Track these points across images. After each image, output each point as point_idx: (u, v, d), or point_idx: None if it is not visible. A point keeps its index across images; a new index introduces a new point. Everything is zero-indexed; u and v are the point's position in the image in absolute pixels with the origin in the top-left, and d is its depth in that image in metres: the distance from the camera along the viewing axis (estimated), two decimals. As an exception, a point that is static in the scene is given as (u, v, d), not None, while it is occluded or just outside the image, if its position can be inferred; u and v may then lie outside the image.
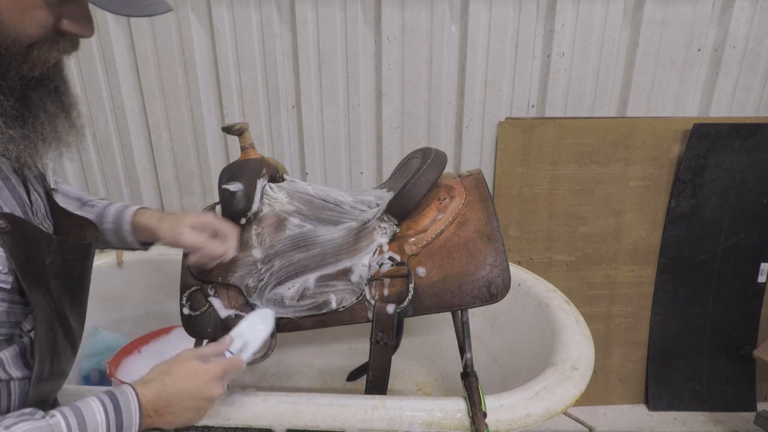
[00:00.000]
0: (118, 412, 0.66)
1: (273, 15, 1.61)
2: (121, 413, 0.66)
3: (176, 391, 0.72)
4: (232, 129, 1.06)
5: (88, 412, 0.64)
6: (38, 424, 0.59)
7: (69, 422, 0.62)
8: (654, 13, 1.62)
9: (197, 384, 0.73)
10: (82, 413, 0.63)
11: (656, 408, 1.93)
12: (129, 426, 0.67)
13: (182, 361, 0.75)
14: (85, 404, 0.65)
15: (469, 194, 1.06)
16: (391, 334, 0.94)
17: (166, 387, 0.71)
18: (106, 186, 1.85)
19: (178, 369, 0.74)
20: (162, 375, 0.73)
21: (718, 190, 1.75)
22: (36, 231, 0.69)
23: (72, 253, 0.76)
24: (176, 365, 0.75)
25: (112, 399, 0.67)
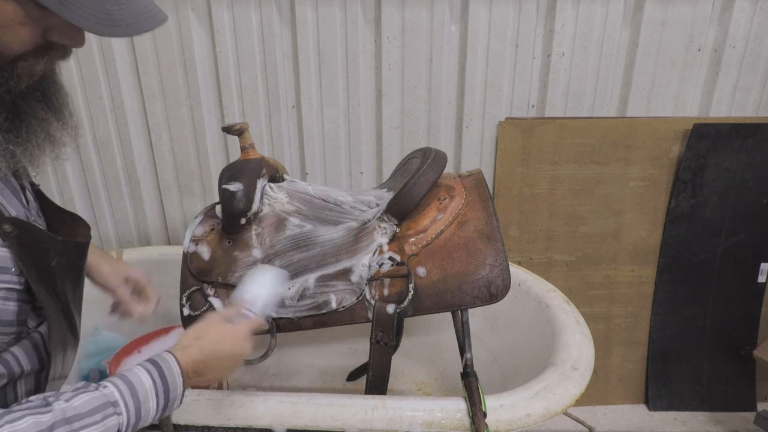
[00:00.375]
0: (163, 377, 0.69)
1: (273, 15, 1.62)
2: (166, 378, 0.69)
3: (212, 353, 0.76)
4: (232, 129, 1.06)
5: (135, 379, 0.66)
6: (94, 395, 0.61)
7: (121, 390, 0.64)
8: (654, 13, 1.62)
9: (229, 344, 0.78)
10: (131, 380, 0.65)
11: (656, 408, 1.93)
12: (174, 388, 0.70)
13: (212, 324, 0.79)
14: (132, 373, 0.67)
15: (469, 194, 1.06)
16: (391, 334, 0.94)
17: (203, 350, 0.75)
18: (106, 186, 1.85)
19: (210, 332, 0.78)
20: (196, 340, 0.76)
21: (718, 190, 1.75)
22: (41, 233, 0.69)
23: (75, 253, 0.77)
24: (207, 329, 0.79)
25: (155, 366, 0.69)
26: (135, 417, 0.64)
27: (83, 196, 1.87)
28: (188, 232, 1.06)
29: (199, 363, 0.74)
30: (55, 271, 0.71)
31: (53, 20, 0.58)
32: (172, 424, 0.89)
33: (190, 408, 0.90)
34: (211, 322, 0.80)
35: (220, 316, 0.82)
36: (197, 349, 0.75)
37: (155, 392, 0.67)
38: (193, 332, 0.78)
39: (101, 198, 1.87)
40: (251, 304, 0.87)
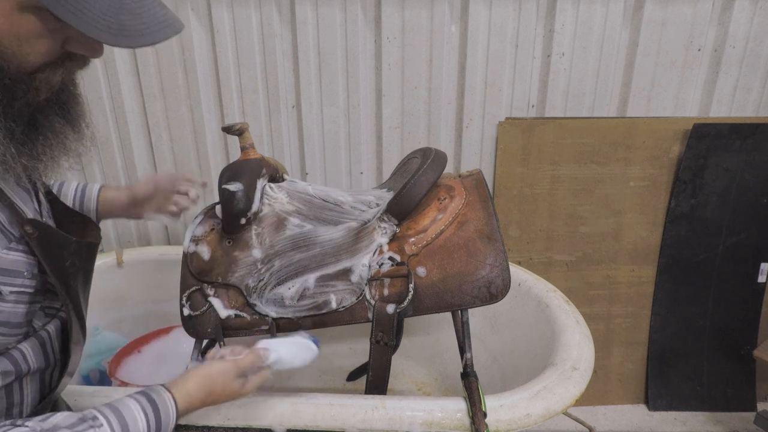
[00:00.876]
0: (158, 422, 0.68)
1: (273, 15, 1.62)
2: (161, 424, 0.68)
3: (213, 402, 0.78)
4: (232, 129, 1.06)
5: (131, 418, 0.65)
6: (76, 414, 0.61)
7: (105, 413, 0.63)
8: (654, 13, 1.62)
9: (230, 397, 0.79)
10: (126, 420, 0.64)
11: (656, 408, 1.93)
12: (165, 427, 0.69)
13: (227, 381, 0.78)
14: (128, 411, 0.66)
15: (469, 194, 1.06)
16: (391, 334, 0.94)
17: (205, 402, 0.76)
18: (106, 186, 1.85)
19: (220, 388, 0.77)
20: (207, 395, 0.76)
21: (718, 190, 1.75)
22: (58, 234, 0.70)
23: (86, 253, 0.78)
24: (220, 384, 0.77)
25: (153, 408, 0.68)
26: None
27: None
28: (188, 232, 1.06)
29: (198, 406, 0.76)
30: (69, 271, 0.71)
31: (71, 31, 0.58)
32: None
33: (190, 408, 0.90)
34: (228, 378, 0.78)
35: (238, 370, 0.79)
36: (200, 400, 0.75)
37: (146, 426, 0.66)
38: (207, 385, 0.76)
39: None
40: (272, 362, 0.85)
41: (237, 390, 0.79)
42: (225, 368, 0.78)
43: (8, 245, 0.63)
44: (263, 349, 0.84)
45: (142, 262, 1.66)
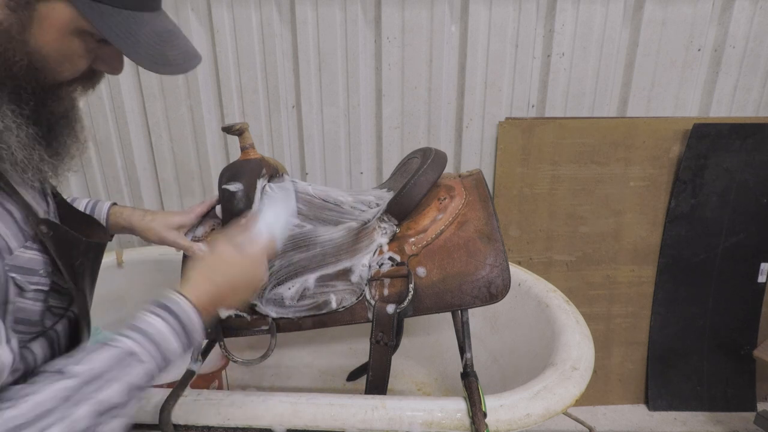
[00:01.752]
0: (177, 318, 0.66)
1: (273, 15, 1.62)
2: (180, 318, 0.66)
3: (228, 285, 0.73)
4: (232, 129, 1.06)
5: (146, 325, 0.63)
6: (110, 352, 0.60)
7: (136, 339, 0.62)
8: (654, 13, 1.62)
9: (245, 272, 0.76)
10: (142, 328, 0.63)
11: (656, 408, 1.93)
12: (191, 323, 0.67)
13: (223, 254, 0.76)
14: (141, 321, 0.64)
15: (469, 194, 1.06)
16: (391, 334, 0.94)
17: (217, 285, 0.72)
18: (106, 186, 1.85)
19: (221, 264, 0.75)
20: (209, 274, 0.73)
21: (718, 190, 1.75)
22: (69, 234, 0.71)
23: (94, 253, 0.79)
24: (218, 260, 0.75)
25: (165, 309, 0.66)
26: (161, 359, 0.63)
27: (83, 196, 1.87)
28: (188, 232, 1.06)
29: (216, 297, 0.72)
30: (78, 270, 0.73)
31: (104, 51, 0.64)
32: (172, 424, 0.89)
33: (190, 408, 0.90)
34: (221, 251, 0.76)
35: (230, 242, 0.77)
36: (210, 285, 0.72)
37: (173, 332, 0.65)
38: (202, 266, 0.74)
39: (101, 198, 1.87)
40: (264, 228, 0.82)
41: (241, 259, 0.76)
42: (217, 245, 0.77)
43: (24, 243, 0.65)
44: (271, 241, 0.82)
45: (142, 262, 1.66)
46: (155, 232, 0.99)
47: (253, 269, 0.77)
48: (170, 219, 1.02)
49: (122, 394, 0.58)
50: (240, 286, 0.75)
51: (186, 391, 0.93)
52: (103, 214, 1.01)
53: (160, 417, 0.88)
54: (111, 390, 0.57)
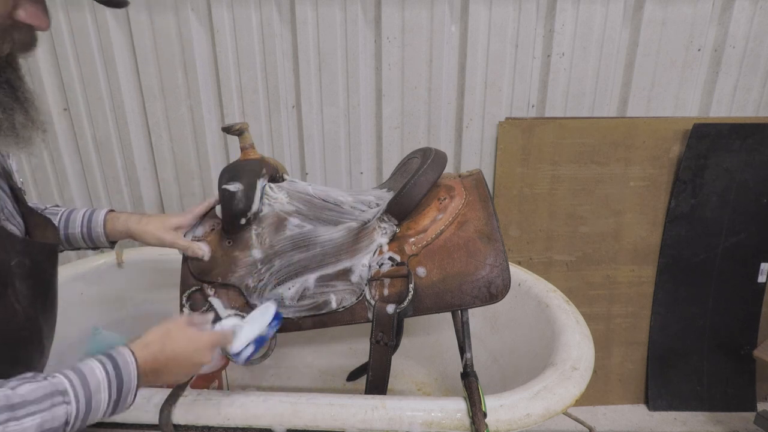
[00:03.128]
0: (117, 370, 0.67)
1: (273, 15, 1.61)
2: (120, 371, 0.67)
3: (174, 355, 0.75)
4: (232, 129, 1.06)
5: (87, 369, 0.64)
6: (41, 384, 0.60)
7: (71, 379, 0.62)
8: (654, 13, 1.62)
9: (193, 350, 0.77)
10: (82, 371, 0.64)
11: (656, 408, 1.93)
12: (128, 382, 0.68)
13: (179, 327, 0.78)
14: (84, 364, 0.65)
15: (469, 194, 1.06)
16: (391, 334, 0.94)
17: (164, 350, 0.74)
18: (105, 186, 1.85)
19: (176, 334, 0.76)
20: (161, 338, 0.75)
21: (718, 190, 1.75)
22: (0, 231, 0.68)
23: (41, 254, 0.76)
24: (174, 330, 0.77)
25: (110, 359, 0.67)
26: (85, 407, 0.63)
27: (83, 196, 1.87)
28: (188, 232, 1.06)
29: (158, 363, 0.73)
30: (15, 271, 0.69)
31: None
32: (172, 424, 0.89)
33: (190, 408, 0.90)
34: (179, 324, 0.78)
35: (189, 321, 0.81)
36: (159, 347, 0.73)
37: (107, 385, 0.65)
38: (159, 331, 0.76)
39: (101, 198, 1.87)
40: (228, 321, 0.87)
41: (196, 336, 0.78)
42: (176, 319, 0.79)
43: None
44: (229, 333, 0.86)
45: (142, 262, 1.66)
46: (152, 234, 0.99)
47: (201, 351, 0.78)
48: (167, 221, 1.02)
49: (33, 430, 0.57)
50: (184, 361, 0.76)
51: (186, 391, 0.93)
52: (100, 221, 1.00)
53: (160, 417, 0.88)
54: (25, 422, 0.56)
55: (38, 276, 0.75)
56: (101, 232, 0.99)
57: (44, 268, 0.78)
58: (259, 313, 0.91)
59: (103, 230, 0.99)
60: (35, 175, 1.83)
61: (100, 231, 0.99)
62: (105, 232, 1.00)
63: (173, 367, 0.75)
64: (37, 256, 0.75)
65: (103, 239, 1.00)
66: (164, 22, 1.62)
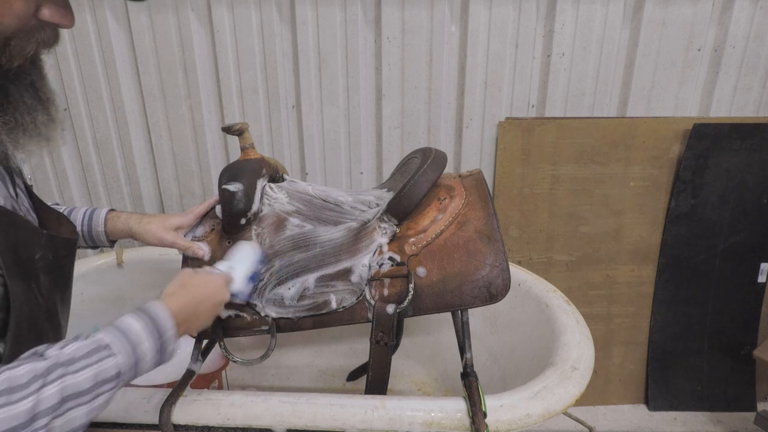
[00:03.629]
0: (153, 320, 0.70)
1: (273, 15, 1.62)
2: (158, 320, 0.70)
3: (198, 298, 0.80)
4: (232, 129, 1.06)
5: (124, 325, 0.67)
6: (84, 342, 0.62)
7: (111, 333, 0.65)
8: (654, 13, 1.62)
9: (213, 290, 0.84)
10: (120, 326, 0.66)
11: (656, 408, 1.93)
12: (167, 329, 0.71)
13: (191, 274, 0.84)
14: (120, 321, 0.68)
15: (469, 194, 1.06)
16: (391, 334, 0.94)
17: (188, 296, 0.79)
18: (106, 186, 1.85)
19: (193, 279, 0.82)
20: (182, 287, 0.80)
21: (718, 190, 1.75)
22: (26, 224, 0.69)
23: (63, 249, 0.77)
24: (191, 277, 0.83)
25: (143, 311, 0.70)
26: (133, 357, 0.65)
27: (83, 196, 1.87)
28: (188, 232, 1.06)
29: (188, 308, 0.77)
30: (39, 264, 0.70)
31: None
32: (172, 424, 0.89)
33: (190, 408, 0.90)
34: (188, 272, 0.84)
35: (192, 270, 0.86)
36: (183, 295, 0.78)
37: (148, 334, 0.68)
38: (176, 283, 0.81)
39: (101, 198, 1.87)
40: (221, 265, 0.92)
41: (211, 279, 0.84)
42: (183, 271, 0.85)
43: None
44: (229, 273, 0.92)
45: (142, 262, 1.66)
46: (153, 234, 1.00)
47: (220, 290, 0.85)
48: (168, 221, 1.02)
49: (89, 381, 0.60)
50: (208, 302, 0.82)
51: (186, 391, 0.93)
52: (101, 220, 1.00)
53: (160, 417, 0.88)
54: (79, 376, 0.59)
55: (59, 270, 0.77)
56: (102, 231, 1.00)
57: (65, 263, 0.79)
58: (242, 253, 0.96)
59: (104, 229, 1.00)
60: (35, 175, 1.83)
61: (100, 230, 1.00)
62: (105, 232, 1.00)
63: (201, 310, 0.80)
64: (60, 250, 0.76)
65: (104, 238, 1.01)
66: (164, 22, 1.62)
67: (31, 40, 0.62)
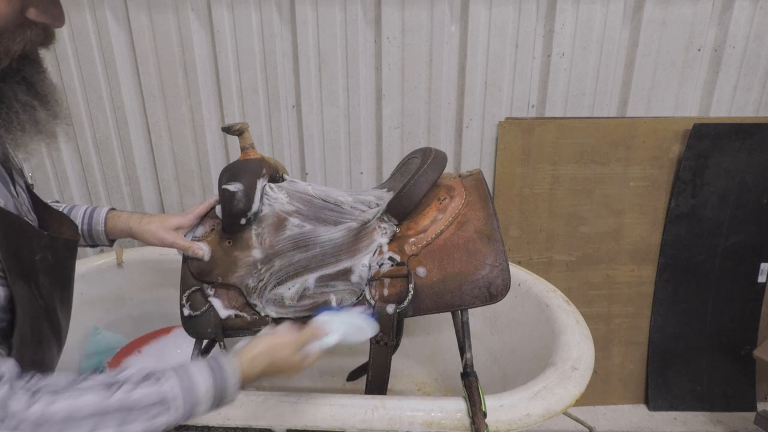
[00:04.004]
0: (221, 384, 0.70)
1: (273, 15, 1.61)
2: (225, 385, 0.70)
3: (275, 370, 0.79)
4: (232, 129, 1.06)
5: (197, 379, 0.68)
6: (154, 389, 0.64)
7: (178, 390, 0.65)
8: (654, 13, 1.62)
9: (290, 369, 0.81)
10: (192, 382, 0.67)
11: (656, 408, 1.93)
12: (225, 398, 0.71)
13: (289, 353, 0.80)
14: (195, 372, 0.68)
15: (469, 194, 1.06)
16: (391, 334, 0.94)
17: (265, 372, 0.78)
18: (106, 186, 1.85)
19: (282, 360, 0.79)
20: (269, 366, 0.78)
21: (718, 190, 1.75)
22: (26, 225, 0.68)
23: (63, 250, 0.76)
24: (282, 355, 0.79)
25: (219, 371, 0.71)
26: (182, 417, 0.66)
27: (83, 196, 1.87)
28: (188, 232, 1.06)
29: (263, 375, 0.77)
30: (39, 265, 0.69)
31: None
32: (172, 424, 0.89)
33: (190, 408, 0.90)
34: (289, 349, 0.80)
35: (298, 342, 0.82)
36: (262, 370, 0.77)
37: (209, 397, 0.69)
38: (271, 353, 0.79)
39: (101, 198, 1.87)
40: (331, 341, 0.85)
41: (298, 362, 0.81)
42: (289, 340, 0.81)
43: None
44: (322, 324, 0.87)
45: (142, 262, 1.66)
46: (153, 234, 0.99)
47: (298, 367, 0.82)
48: (168, 221, 1.02)
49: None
50: (281, 373, 0.80)
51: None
52: (101, 219, 1.00)
53: (160, 417, 0.87)
54: (133, 427, 0.61)
55: (60, 271, 0.76)
56: (102, 231, 1.00)
57: (66, 264, 0.78)
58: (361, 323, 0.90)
59: (104, 229, 1.00)
60: (35, 175, 1.83)
61: (100, 229, 0.99)
62: (105, 231, 1.00)
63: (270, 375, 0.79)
64: (61, 251, 0.75)
65: (103, 238, 1.01)
66: (164, 22, 1.62)
67: (17, 40, 0.61)
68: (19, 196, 0.74)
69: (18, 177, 0.76)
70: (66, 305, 0.81)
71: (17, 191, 0.74)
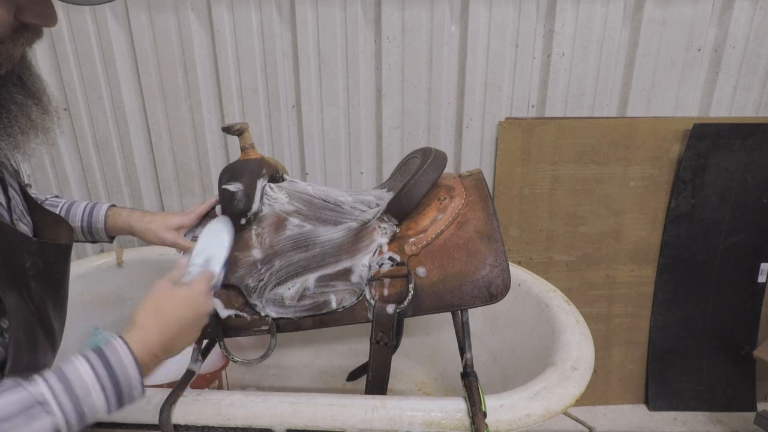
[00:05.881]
0: (109, 369, 0.61)
1: (273, 15, 1.61)
2: (113, 368, 0.62)
3: (177, 325, 0.72)
4: (232, 129, 1.06)
5: (71, 373, 0.59)
6: (19, 394, 0.55)
7: (52, 387, 0.57)
8: (654, 13, 1.62)
9: (192, 308, 0.75)
10: (66, 375, 0.59)
11: (656, 408, 1.93)
12: (126, 377, 0.63)
13: (165, 294, 0.75)
14: (69, 366, 0.60)
15: (469, 194, 1.06)
16: (391, 334, 0.94)
17: (166, 322, 0.71)
18: (106, 186, 1.85)
19: (167, 303, 0.74)
20: (156, 314, 0.71)
21: (718, 190, 1.75)
22: (13, 233, 0.67)
23: (53, 255, 0.75)
24: (163, 300, 0.74)
25: (100, 356, 0.62)
26: (74, 414, 0.58)
27: (83, 196, 1.87)
28: (189, 232, 1.06)
29: (164, 335, 0.69)
30: (30, 272, 0.68)
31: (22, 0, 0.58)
32: (173, 425, 0.89)
33: (190, 408, 0.90)
34: (163, 291, 0.75)
35: (169, 281, 0.78)
36: (158, 322, 0.70)
37: (99, 386, 0.60)
38: (150, 306, 0.72)
39: (101, 198, 1.87)
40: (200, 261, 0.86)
41: (186, 294, 0.76)
42: (158, 287, 0.76)
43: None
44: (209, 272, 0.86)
45: (142, 262, 1.66)
46: (154, 233, 0.99)
47: (201, 305, 0.77)
48: (169, 220, 1.02)
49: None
50: (190, 324, 0.74)
51: (186, 391, 0.93)
52: (101, 216, 1.00)
53: (160, 417, 0.88)
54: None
55: (51, 276, 0.74)
56: (102, 228, 0.99)
57: (57, 269, 0.76)
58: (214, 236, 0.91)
59: (104, 225, 0.99)
60: (35, 175, 1.83)
61: (100, 226, 0.99)
62: (105, 228, 1.00)
63: (184, 331, 0.73)
64: (51, 257, 0.73)
65: (103, 234, 1.00)
66: (164, 22, 1.62)
67: (17, 45, 0.61)
68: (11, 202, 0.73)
69: (12, 180, 0.75)
70: (59, 309, 0.79)
71: (10, 195, 0.73)
